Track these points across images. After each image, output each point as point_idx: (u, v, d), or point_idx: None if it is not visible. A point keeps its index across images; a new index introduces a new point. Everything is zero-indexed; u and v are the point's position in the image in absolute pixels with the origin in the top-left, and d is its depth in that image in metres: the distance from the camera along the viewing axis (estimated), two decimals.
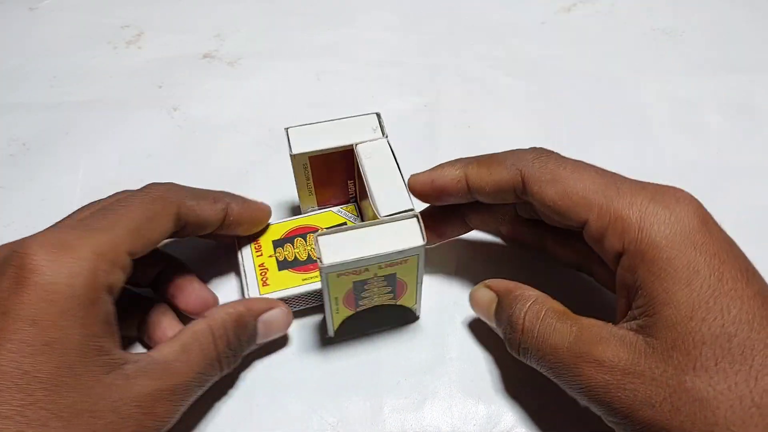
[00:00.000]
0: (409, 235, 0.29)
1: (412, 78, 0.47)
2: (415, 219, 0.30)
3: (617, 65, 0.48)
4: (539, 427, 0.32)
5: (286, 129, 0.34)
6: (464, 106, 0.46)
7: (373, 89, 0.46)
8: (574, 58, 0.48)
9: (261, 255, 0.35)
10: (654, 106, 0.45)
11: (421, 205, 0.34)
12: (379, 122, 0.34)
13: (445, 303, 0.36)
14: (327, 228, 0.31)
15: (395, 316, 0.34)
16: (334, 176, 0.35)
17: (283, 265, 0.34)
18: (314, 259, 0.34)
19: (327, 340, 0.34)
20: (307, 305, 0.35)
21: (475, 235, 0.39)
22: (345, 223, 0.36)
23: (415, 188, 0.33)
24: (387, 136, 0.34)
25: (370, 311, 0.33)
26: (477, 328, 0.35)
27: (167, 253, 0.35)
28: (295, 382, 0.33)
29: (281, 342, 0.35)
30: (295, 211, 0.39)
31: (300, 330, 0.35)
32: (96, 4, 0.52)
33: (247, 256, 0.35)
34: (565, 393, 0.29)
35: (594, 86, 0.47)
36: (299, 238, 0.35)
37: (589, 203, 0.28)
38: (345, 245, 0.29)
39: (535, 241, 0.36)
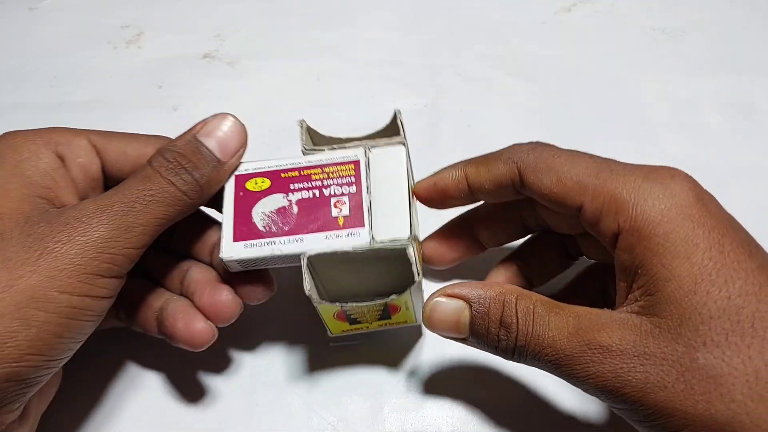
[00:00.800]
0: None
1: (412, 78, 0.47)
2: (411, 248, 0.28)
3: (617, 65, 0.48)
4: (539, 428, 0.32)
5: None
6: (464, 106, 0.46)
7: (373, 89, 0.46)
8: (574, 58, 0.48)
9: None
10: (654, 106, 0.45)
11: (427, 230, 0.33)
12: (399, 120, 0.31)
13: None
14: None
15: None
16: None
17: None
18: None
19: (327, 338, 0.34)
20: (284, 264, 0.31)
21: None
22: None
23: (420, 194, 0.33)
24: (405, 141, 0.31)
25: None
26: None
27: None
28: (295, 381, 0.33)
29: (281, 342, 0.35)
30: None
31: (300, 330, 0.35)
32: (96, 4, 0.52)
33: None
34: (564, 393, 0.29)
35: (594, 86, 0.47)
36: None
37: (584, 187, 0.28)
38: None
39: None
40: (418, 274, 0.28)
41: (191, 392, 0.33)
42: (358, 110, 0.45)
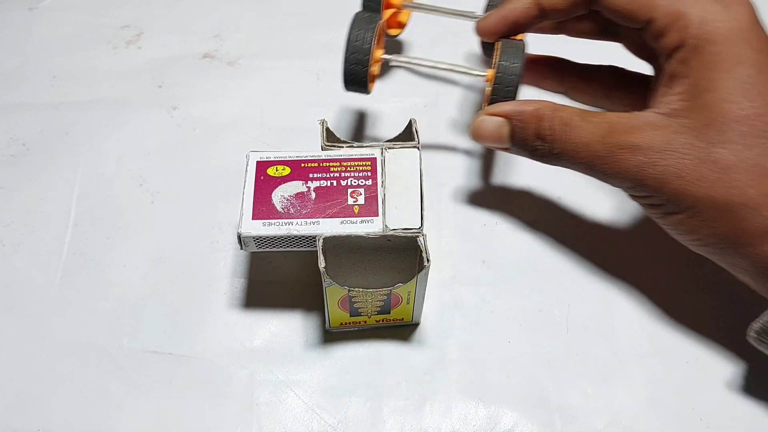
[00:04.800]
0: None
1: (412, 78, 0.47)
2: (421, 237, 0.30)
3: (617, 65, 0.48)
4: (538, 429, 0.32)
5: None
6: (464, 106, 0.45)
7: (372, 89, 0.46)
8: (574, 58, 0.48)
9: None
10: None
11: (429, 226, 0.33)
12: (415, 128, 0.34)
13: (445, 304, 0.36)
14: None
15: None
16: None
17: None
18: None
19: (327, 336, 0.35)
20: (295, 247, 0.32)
21: (473, 236, 0.39)
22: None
23: (486, 30, 0.36)
24: (419, 145, 0.33)
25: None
26: (477, 329, 0.35)
27: None
28: (295, 382, 0.33)
29: (281, 342, 0.35)
30: None
31: (300, 330, 0.35)
32: (96, 4, 0.51)
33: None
34: (563, 393, 0.29)
35: None
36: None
37: (655, 4, 0.31)
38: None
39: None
40: (428, 260, 0.29)
41: (191, 393, 0.33)
42: (358, 110, 0.45)
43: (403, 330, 0.35)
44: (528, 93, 0.41)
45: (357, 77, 0.36)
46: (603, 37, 0.38)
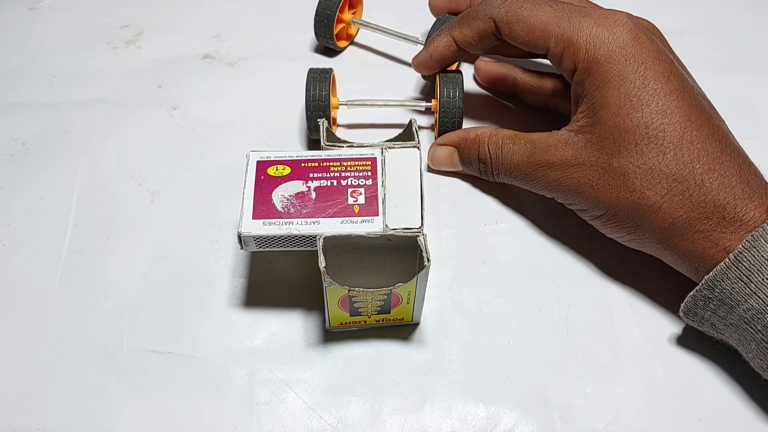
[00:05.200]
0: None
1: (412, 78, 0.47)
2: (422, 237, 0.30)
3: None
4: (538, 429, 0.32)
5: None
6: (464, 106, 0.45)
7: (372, 90, 0.46)
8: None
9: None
10: None
11: (429, 227, 0.33)
12: (415, 128, 0.34)
13: (444, 305, 0.36)
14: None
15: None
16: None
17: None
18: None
19: (327, 336, 0.35)
20: (295, 247, 0.32)
21: (473, 237, 0.39)
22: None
23: (420, 67, 0.41)
24: (420, 145, 0.33)
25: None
26: (477, 329, 0.35)
27: None
28: (294, 381, 0.33)
29: (281, 342, 0.35)
30: None
31: (300, 329, 0.35)
32: (96, 4, 0.51)
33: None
34: (563, 393, 0.29)
35: None
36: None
37: (548, 34, 0.35)
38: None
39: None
40: (428, 260, 0.29)
41: (190, 392, 0.33)
42: (358, 111, 0.45)
43: (403, 330, 0.35)
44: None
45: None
46: (531, 56, 0.43)
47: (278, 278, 0.37)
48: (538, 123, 0.43)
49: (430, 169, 0.41)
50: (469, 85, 0.46)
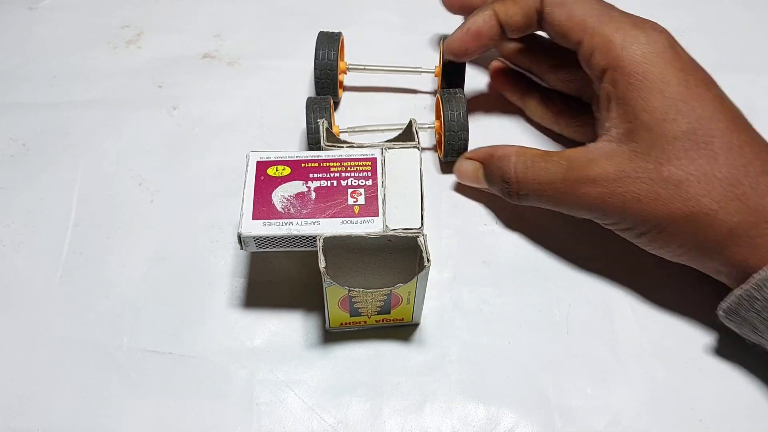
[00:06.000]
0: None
1: (412, 79, 0.47)
2: (422, 237, 0.30)
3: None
4: (538, 429, 0.32)
5: None
6: None
7: (372, 90, 0.46)
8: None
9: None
10: None
11: (429, 227, 0.33)
12: (415, 129, 0.34)
13: (445, 305, 0.36)
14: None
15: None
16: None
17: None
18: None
19: (327, 336, 0.35)
20: (295, 247, 0.32)
21: (473, 237, 0.39)
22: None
23: (454, 45, 0.39)
24: (420, 145, 0.33)
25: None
26: (477, 329, 0.35)
27: None
28: (295, 381, 0.33)
29: (281, 342, 0.35)
30: None
31: (300, 330, 0.35)
32: (96, 4, 0.51)
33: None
34: (563, 393, 0.29)
35: None
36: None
37: (585, 26, 0.34)
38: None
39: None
40: (428, 261, 0.29)
41: (190, 392, 0.33)
42: (358, 111, 0.45)
43: (403, 330, 0.35)
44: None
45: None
46: (554, 67, 0.41)
47: (278, 278, 0.37)
48: (542, 141, 0.43)
49: (458, 185, 0.40)
50: (473, 105, 0.46)
